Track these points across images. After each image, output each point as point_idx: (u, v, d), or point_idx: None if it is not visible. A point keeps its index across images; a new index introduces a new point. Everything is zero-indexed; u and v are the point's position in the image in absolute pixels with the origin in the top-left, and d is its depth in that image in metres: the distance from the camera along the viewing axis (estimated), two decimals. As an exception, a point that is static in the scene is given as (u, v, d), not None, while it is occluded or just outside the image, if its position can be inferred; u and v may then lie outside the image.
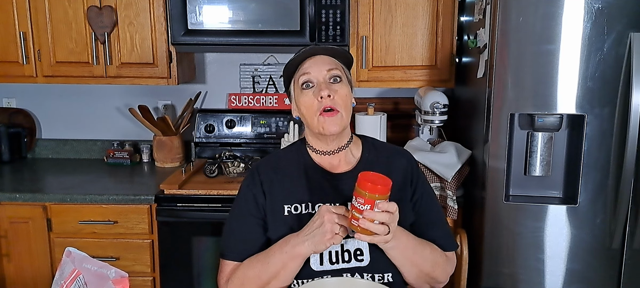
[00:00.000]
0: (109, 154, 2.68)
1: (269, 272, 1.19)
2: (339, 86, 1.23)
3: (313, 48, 1.25)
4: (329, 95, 1.20)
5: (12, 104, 2.82)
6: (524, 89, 1.83)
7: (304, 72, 1.24)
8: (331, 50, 1.25)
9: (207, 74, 2.76)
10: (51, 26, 2.35)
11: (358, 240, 1.21)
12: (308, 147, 1.33)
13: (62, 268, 1.00)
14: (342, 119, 1.23)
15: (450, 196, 2.10)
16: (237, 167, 2.33)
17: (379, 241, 1.10)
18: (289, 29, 2.24)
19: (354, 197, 1.08)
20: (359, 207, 1.07)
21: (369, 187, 1.06)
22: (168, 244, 2.17)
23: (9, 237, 2.21)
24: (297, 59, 1.25)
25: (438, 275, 1.27)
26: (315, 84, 1.23)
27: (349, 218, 1.09)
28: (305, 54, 1.25)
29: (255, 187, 1.29)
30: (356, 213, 1.07)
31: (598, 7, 1.73)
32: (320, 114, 1.22)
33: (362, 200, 1.06)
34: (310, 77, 1.23)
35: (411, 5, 2.31)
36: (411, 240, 1.22)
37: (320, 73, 1.23)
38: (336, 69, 1.25)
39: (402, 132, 2.67)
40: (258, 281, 1.21)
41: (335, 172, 1.30)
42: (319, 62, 1.24)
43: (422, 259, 1.23)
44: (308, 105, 1.23)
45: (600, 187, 1.84)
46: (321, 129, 1.23)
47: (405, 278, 1.25)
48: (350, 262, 1.21)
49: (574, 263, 1.90)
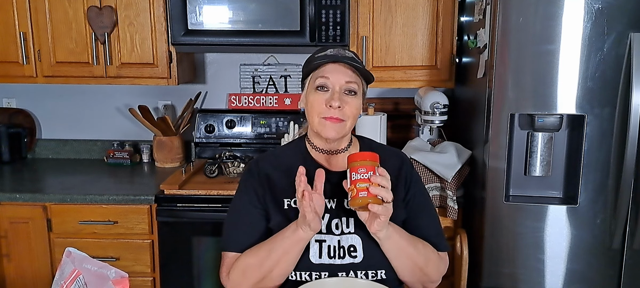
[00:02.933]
0: (109, 154, 2.68)
1: (271, 259, 1.19)
2: (353, 99, 1.25)
3: (338, 56, 1.24)
4: (339, 106, 1.22)
5: (12, 104, 2.82)
6: (524, 89, 1.83)
7: (323, 75, 1.24)
8: (355, 65, 1.24)
9: (207, 74, 2.76)
10: (51, 26, 2.35)
11: (351, 237, 1.22)
12: (308, 143, 1.34)
13: (62, 268, 1.00)
14: (344, 128, 1.25)
15: (450, 196, 2.10)
16: (237, 167, 2.33)
17: (388, 210, 1.11)
18: (289, 29, 2.24)
19: (353, 172, 1.10)
20: (363, 176, 1.09)
21: (367, 155, 1.10)
22: (168, 244, 2.17)
23: (9, 237, 2.21)
24: (320, 60, 1.25)
25: (431, 272, 1.27)
26: (330, 90, 1.24)
27: (354, 196, 1.10)
28: (329, 58, 1.24)
29: (254, 180, 1.30)
30: (361, 184, 1.09)
31: (598, 7, 1.73)
32: (323, 117, 1.23)
33: (364, 170, 1.09)
34: (327, 83, 1.24)
35: (411, 5, 2.31)
36: (404, 233, 1.23)
37: (338, 81, 1.23)
38: (355, 83, 1.25)
39: (402, 132, 2.67)
40: (260, 269, 1.20)
41: (333, 170, 1.31)
42: (340, 71, 1.24)
43: (416, 251, 1.23)
44: (315, 105, 1.25)
45: (601, 187, 1.84)
46: (320, 130, 1.25)
47: (399, 273, 1.25)
48: (345, 259, 1.22)
49: (574, 264, 1.90)
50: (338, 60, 1.23)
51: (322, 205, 1.16)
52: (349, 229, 1.24)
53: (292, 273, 1.22)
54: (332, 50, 1.27)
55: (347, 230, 1.24)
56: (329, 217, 1.25)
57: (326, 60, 1.24)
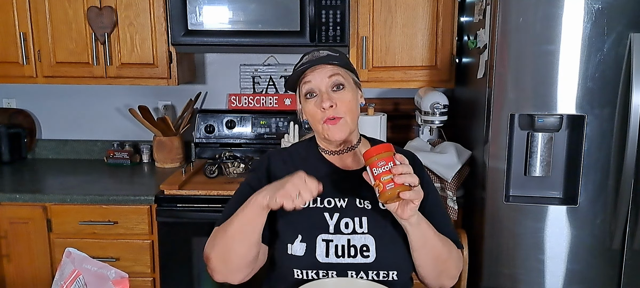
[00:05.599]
0: (109, 155, 2.68)
1: (233, 225, 1.16)
2: (342, 93, 1.24)
3: (313, 60, 1.25)
4: (331, 105, 1.22)
5: (12, 104, 2.83)
6: (524, 89, 1.83)
7: (305, 81, 1.25)
8: (327, 59, 1.24)
9: (207, 74, 2.76)
10: (51, 26, 2.35)
11: (364, 237, 1.21)
12: (319, 146, 1.35)
13: (62, 268, 1.00)
14: (346, 124, 1.25)
15: (450, 196, 2.10)
16: (237, 168, 2.33)
17: (419, 193, 1.10)
18: (289, 30, 2.24)
19: (373, 168, 1.09)
20: (384, 169, 1.08)
21: (382, 147, 1.10)
22: (168, 244, 2.17)
23: (9, 237, 2.21)
24: (298, 71, 1.25)
25: (451, 266, 1.26)
26: (317, 93, 1.24)
27: (382, 190, 1.09)
28: (304, 66, 1.24)
29: (261, 172, 1.31)
30: (385, 176, 1.08)
31: (598, 8, 1.73)
32: (325, 122, 1.24)
33: (383, 162, 1.08)
34: (312, 86, 1.24)
35: (411, 5, 2.31)
36: (429, 223, 1.22)
37: (322, 81, 1.24)
38: (338, 75, 1.24)
39: (402, 132, 2.67)
40: (224, 236, 1.18)
41: (345, 168, 1.32)
42: (319, 70, 1.24)
43: (441, 242, 1.23)
44: (312, 114, 1.26)
45: (600, 187, 1.84)
46: (327, 135, 1.25)
47: (420, 267, 1.24)
48: (356, 258, 1.21)
49: (574, 264, 1.90)
50: (313, 64, 1.23)
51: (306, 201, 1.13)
52: (362, 229, 1.23)
53: (298, 272, 1.21)
54: (308, 57, 1.27)
55: (360, 230, 1.23)
56: (338, 216, 1.24)
57: (303, 69, 1.24)
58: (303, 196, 1.09)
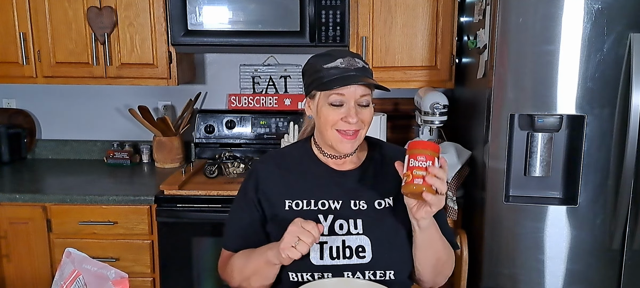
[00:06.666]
0: (109, 155, 2.68)
1: (249, 268, 1.23)
2: (367, 110, 1.25)
3: (351, 77, 1.20)
4: (356, 121, 1.21)
5: (12, 104, 2.82)
6: (524, 89, 1.83)
7: (338, 93, 1.21)
8: (364, 75, 1.23)
9: (207, 74, 2.76)
10: (51, 27, 2.35)
11: (359, 238, 1.22)
12: (314, 146, 1.34)
13: (62, 269, 1.00)
14: (360, 140, 1.26)
15: (450, 197, 2.10)
16: (237, 168, 2.33)
17: (441, 202, 1.11)
18: (289, 30, 2.24)
19: (412, 159, 1.09)
20: (421, 164, 1.08)
21: (429, 145, 1.10)
22: (168, 245, 2.17)
23: (9, 237, 2.21)
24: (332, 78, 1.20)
25: (448, 268, 1.29)
26: (345, 105, 1.22)
27: (409, 181, 1.09)
28: (342, 80, 1.20)
29: (251, 182, 1.32)
30: (418, 171, 1.08)
31: (598, 8, 1.73)
32: (342, 135, 1.23)
33: (423, 158, 1.08)
34: (343, 99, 1.22)
35: (411, 6, 2.31)
36: (438, 227, 1.24)
37: (353, 96, 1.22)
38: (368, 96, 1.24)
39: (402, 132, 2.67)
40: (241, 274, 1.26)
41: (340, 169, 1.31)
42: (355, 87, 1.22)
43: (443, 245, 1.25)
44: (330, 119, 1.23)
45: (600, 187, 1.84)
46: (335, 145, 1.25)
47: (420, 267, 1.25)
48: (352, 259, 1.21)
49: (574, 264, 1.90)
50: (351, 82, 1.19)
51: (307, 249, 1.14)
52: (357, 230, 1.23)
53: (293, 274, 1.22)
54: (342, 62, 1.22)
55: (355, 231, 1.23)
56: (332, 218, 1.24)
57: (340, 84, 1.19)
58: (303, 240, 1.09)
